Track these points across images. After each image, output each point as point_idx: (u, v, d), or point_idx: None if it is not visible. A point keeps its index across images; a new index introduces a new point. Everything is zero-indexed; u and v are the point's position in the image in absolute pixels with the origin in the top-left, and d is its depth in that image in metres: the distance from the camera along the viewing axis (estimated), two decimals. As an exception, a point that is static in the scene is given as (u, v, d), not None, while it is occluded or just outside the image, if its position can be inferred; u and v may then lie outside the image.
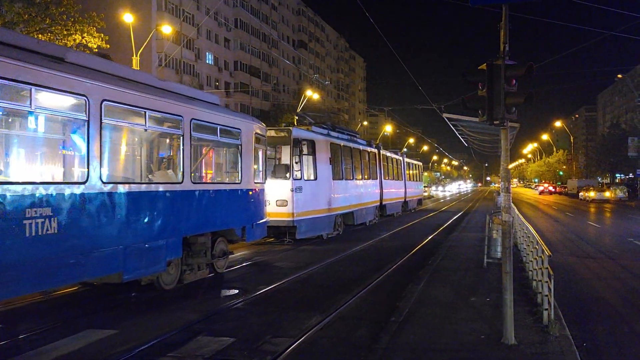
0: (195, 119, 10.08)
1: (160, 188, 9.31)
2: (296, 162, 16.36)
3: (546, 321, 7.44)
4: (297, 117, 21.39)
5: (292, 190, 16.17)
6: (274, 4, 76.26)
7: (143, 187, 8.98)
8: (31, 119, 7.27)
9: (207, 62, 59.93)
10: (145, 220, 8.72)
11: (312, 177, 17.32)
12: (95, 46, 21.10)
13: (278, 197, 16.03)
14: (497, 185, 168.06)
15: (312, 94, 43.78)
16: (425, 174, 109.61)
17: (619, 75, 67.21)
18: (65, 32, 20.08)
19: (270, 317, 8.42)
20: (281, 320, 8.30)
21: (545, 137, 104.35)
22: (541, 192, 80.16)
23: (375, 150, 26.37)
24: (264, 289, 10.34)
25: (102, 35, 21.27)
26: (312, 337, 7.30)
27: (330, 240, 18.59)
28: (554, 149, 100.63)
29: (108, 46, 21.76)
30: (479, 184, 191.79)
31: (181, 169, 9.78)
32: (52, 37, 19.81)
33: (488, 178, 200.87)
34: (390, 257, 14.39)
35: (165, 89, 9.75)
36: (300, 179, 16.51)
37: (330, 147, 19.00)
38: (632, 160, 64.29)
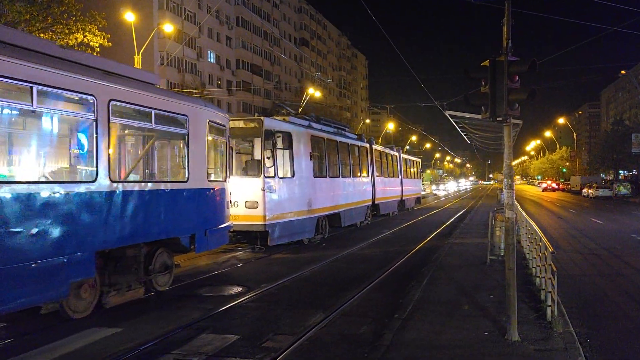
0: (116, 100, 8.07)
1: (58, 189, 7.15)
2: (268, 158, 14.27)
3: (550, 317, 7.44)
4: (274, 107, 19.08)
5: (264, 190, 14.07)
6: (275, 2, 76.25)
7: (24, 188, 6.69)
8: None
9: (209, 60, 59.95)
10: (33, 232, 6.66)
11: (288, 175, 15.34)
12: (97, 45, 21.13)
13: (247, 198, 14.10)
14: (490, 183, 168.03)
15: (314, 92, 43.78)
16: (428, 171, 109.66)
17: (623, 72, 66.92)
18: (66, 31, 20.10)
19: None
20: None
21: (548, 133, 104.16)
22: (544, 189, 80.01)
23: (367, 145, 24.32)
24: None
25: (104, 34, 21.29)
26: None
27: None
28: (557, 146, 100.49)
29: (110, 44, 21.79)
30: (480, 181, 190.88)
31: (94, 164, 7.67)
32: (53, 36, 19.84)
33: (491, 175, 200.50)
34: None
35: (67, 59, 7.65)
36: (274, 176, 14.46)
37: (311, 141, 16.97)
38: (635, 157, 64.06)
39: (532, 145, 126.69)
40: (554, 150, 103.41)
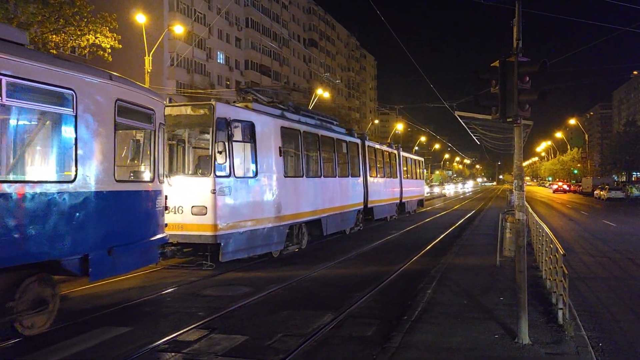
0: None
1: None
2: (220, 152, 11.44)
3: (561, 321, 7.38)
4: (239, 92, 15.39)
5: (214, 192, 11.37)
6: (284, 3, 76.42)
7: None
8: None
9: (219, 61, 60.18)
10: None
11: (249, 174, 12.69)
12: (108, 46, 21.26)
13: (194, 202, 11.43)
14: (493, 184, 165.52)
15: (322, 93, 43.77)
16: (437, 172, 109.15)
17: (635, 72, 66.44)
18: (78, 33, 20.24)
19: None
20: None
21: (559, 135, 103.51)
22: (555, 191, 79.45)
23: (358, 141, 21.36)
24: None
25: (115, 35, 21.42)
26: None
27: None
28: (568, 147, 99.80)
29: (121, 46, 21.91)
30: (484, 182, 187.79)
31: None
32: (66, 38, 19.99)
33: (501, 177, 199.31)
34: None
35: None
36: (229, 175, 11.77)
37: (282, 133, 14.27)
38: (647, 158, 63.50)
39: (542, 146, 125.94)
40: (564, 152, 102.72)
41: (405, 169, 30.08)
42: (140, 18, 25.58)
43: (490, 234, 18.50)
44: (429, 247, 16.74)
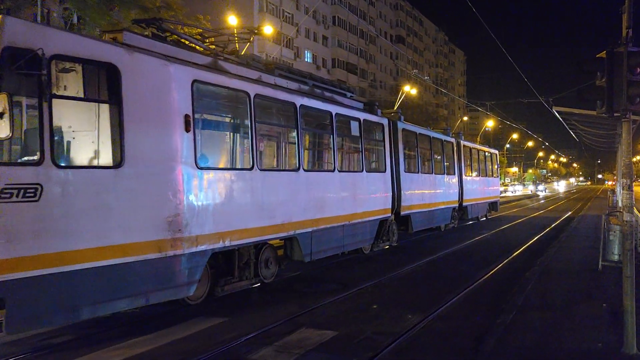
0: None
1: None
2: (1, 116, 5.68)
3: (674, 332, 6.78)
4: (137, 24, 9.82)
5: None
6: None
7: None
8: None
9: (306, 60, 61.19)
10: None
11: (104, 160, 7.19)
12: (201, 48, 22.30)
13: None
14: (585, 183, 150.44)
15: (409, 90, 43.14)
16: (530, 171, 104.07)
17: None
18: (175, 36, 21.39)
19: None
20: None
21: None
22: (664, 192, 72.93)
23: (384, 122, 14.93)
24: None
25: (208, 36, 22.42)
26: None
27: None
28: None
29: (214, 47, 22.87)
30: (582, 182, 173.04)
31: None
32: (164, 41, 21.21)
33: (600, 176, 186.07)
34: None
35: None
36: (39, 162, 6.09)
37: (196, 92, 8.14)
38: None
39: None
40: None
41: (468, 163, 23.49)
42: (232, 20, 26.57)
43: (590, 236, 17.46)
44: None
